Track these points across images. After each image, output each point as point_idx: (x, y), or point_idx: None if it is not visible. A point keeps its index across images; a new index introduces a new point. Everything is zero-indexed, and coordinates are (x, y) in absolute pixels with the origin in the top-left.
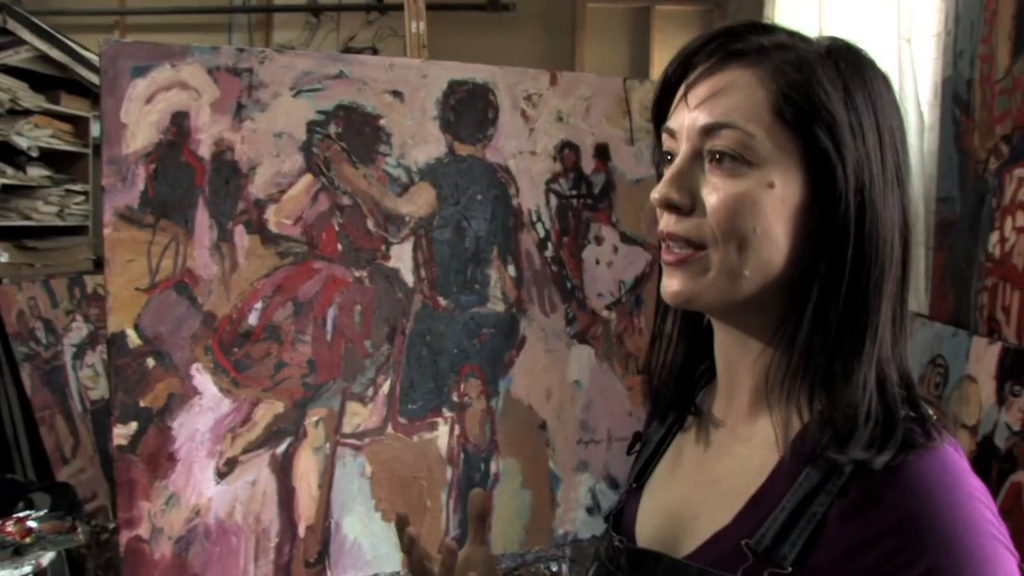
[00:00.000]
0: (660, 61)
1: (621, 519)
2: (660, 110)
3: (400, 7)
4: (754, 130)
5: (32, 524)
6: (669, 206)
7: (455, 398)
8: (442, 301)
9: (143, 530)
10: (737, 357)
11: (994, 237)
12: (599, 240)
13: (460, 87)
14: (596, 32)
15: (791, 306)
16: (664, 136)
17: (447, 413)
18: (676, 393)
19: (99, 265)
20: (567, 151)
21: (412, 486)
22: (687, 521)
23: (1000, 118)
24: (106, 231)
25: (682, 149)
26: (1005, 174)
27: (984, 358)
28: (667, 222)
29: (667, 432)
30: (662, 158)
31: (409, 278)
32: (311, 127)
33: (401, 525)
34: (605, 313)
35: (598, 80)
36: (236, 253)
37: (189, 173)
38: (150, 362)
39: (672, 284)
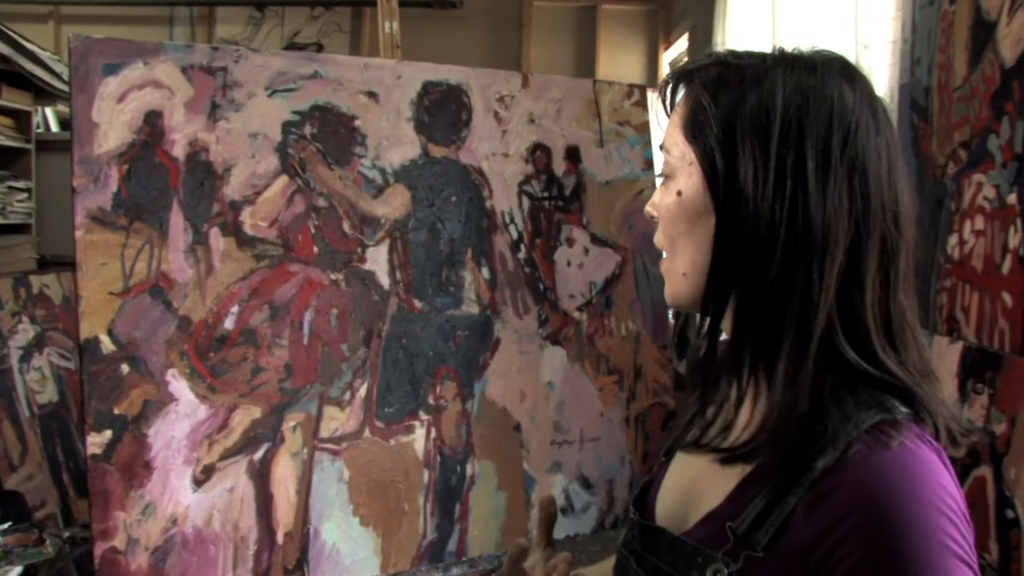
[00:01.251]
0: (605, 59)
1: (647, 492)
2: None
3: (345, 3)
4: (670, 146)
5: None
6: (650, 216)
7: (431, 401)
8: (417, 303)
9: (118, 541)
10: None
11: (953, 239)
12: (570, 242)
13: (434, 88)
14: (542, 30)
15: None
16: None
17: (423, 416)
18: (698, 374)
19: (43, 264)
20: (539, 153)
21: (390, 490)
22: (694, 499)
23: (958, 124)
24: (78, 233)
25: None
26: (964, 179)
27: (946, 357)
28: None
29: (695, 412)
30: None
31: (385, 280)
32: (286, 128)
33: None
34: (577, 314)
35: (568, 82)
36: (211, 256)
37: (163, 174)
38: (124, 368)
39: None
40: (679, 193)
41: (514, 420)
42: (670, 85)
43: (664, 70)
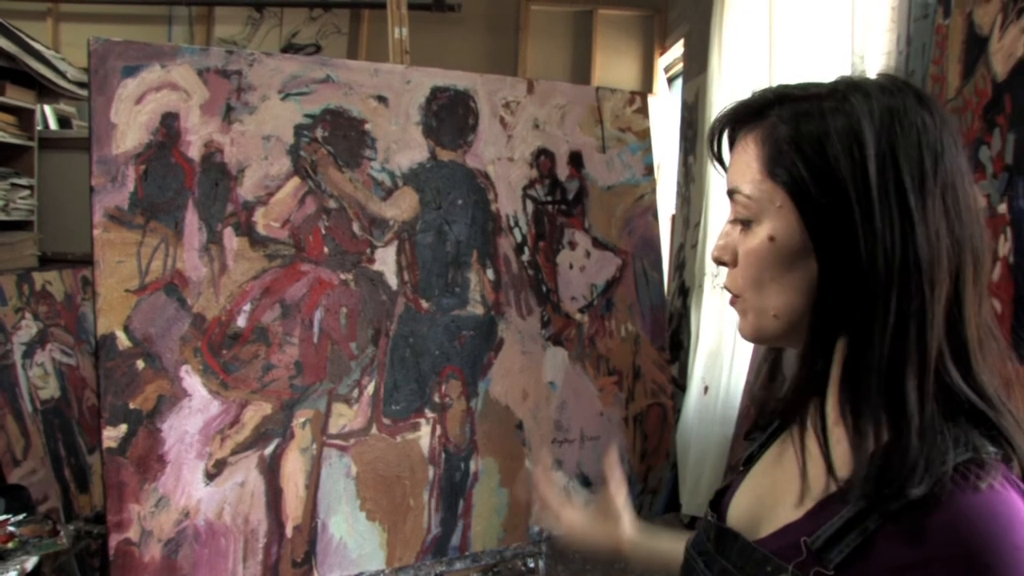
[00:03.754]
0: (602, 64)
1: (722, 497)
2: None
3: (343, 5)
4: (749, 191)
5: (12, 528)
6: (721, 262)
7: (436, 399)
8: (424, 304)
9: (132, 533)
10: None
11: None
12: (573, 245)
13: (442, 93)
14: (539, 34)
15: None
16: None
17: (429, 414)
18: (784, 403)
19: (45, 261)
20: (543, 158)
21: (396, 486)
22: (769, 508)
23: None
24: (95, 232)
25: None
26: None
27: None
28: (722, 275)
29: (778, 428)
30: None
31: (393, 281)
32: (298, 130)
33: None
34: (578, 316)
35: (572, 88)
36: (225, 255)
37: (179, 174)
38: (140, 364)
39: (740, 326)
40: (772, 238)
41: (516, 418)
42: (724, 128)
43: (659, 75)
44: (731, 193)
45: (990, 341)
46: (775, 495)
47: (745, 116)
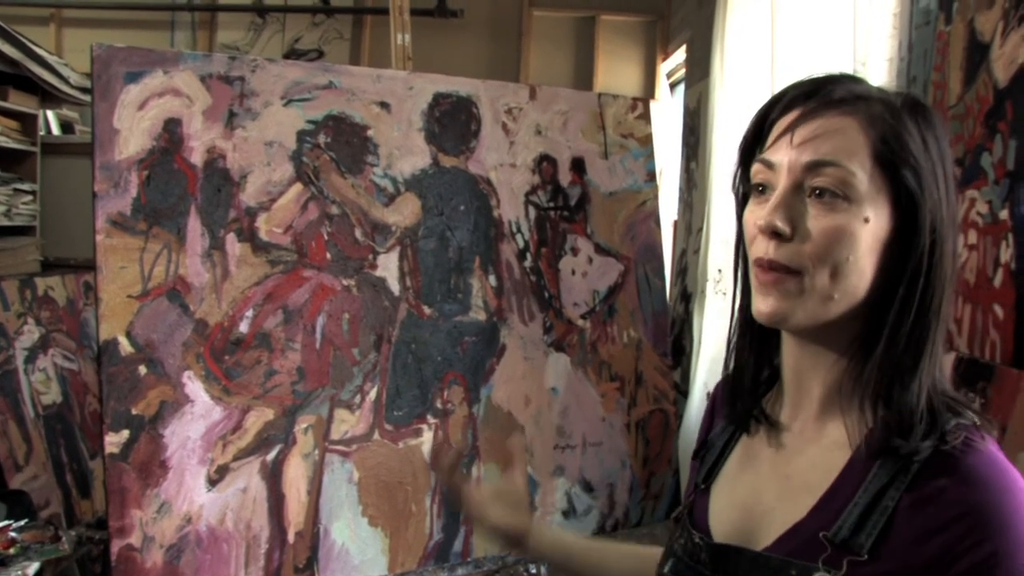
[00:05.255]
0: (604, 69)
1: (692, 517)
2: (751, 144)
3: (346, 11)
4: (855, 169)
5: (13, 534)
6: (773, 233)
7: (439, 405)
8: (426, 310)
9: (135, 539)
10: (809, 368)
11: None
12: (575, 251)
13: (444, 99)
14: (542, 40)
15: (867, 325)
16: (758, 167)
17: (431, 420)
18: (749, 401)
19: (47, 267)
20: (545, 164)
21: (398, 491)
22: (761, 516)
23: (952, 142)
24: (98, 237)
25: (782, 182)
26: (957, 194)
27: None
28: (767, 248)
29: (730, 437)
30: (751, 188)
31: (395, 287)
32: (301, 136)
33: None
34: (580, 322)
35: (574, 95)
36: (228, 261)
37: (181, 180)
38: (142, 370)
39: (767, 304)
40: (867, 220)
41: (519, 424)
42: (799, 100)
43: (662, 81)
44: (820, 165)
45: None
46: (762, 500)
47: (823, 96)
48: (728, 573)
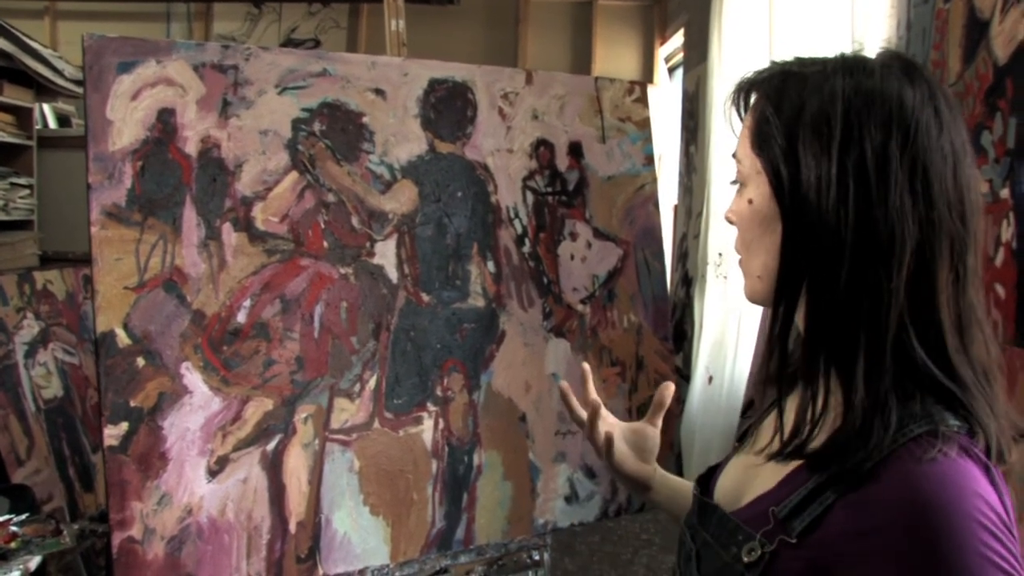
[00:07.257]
0: (602, 55)
1: (714, 473)
2: None
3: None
4: (742, 156)
5: (14, 528)
6: (730, 223)
7: (439, 392)
8: (425, 297)
9: (135, 531)
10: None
11: None
12: (573, 236)
13: (440, 85)
14: (539, 25)
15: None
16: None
17: (431, 407)
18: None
19: (45, 260)
20: (542, 148)
21: (399, 480)
22: (749, 481)
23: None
24: (93, 229)
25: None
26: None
27: None
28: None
29: (771, 405)
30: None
31: (393, 274)
32: (296, 124)
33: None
34: (580, 307)
35: (571, 79)
36: (224, 251)
37: (176, 171)
38: (140, 361)
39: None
40: (750, 201)
41: (519, 411)
42: (740, 95)
43: (660, 65)
44: (734, 156)
45: (974, 326)
46: (756, 468)
47: (753, 86)
48: (704, 527)
